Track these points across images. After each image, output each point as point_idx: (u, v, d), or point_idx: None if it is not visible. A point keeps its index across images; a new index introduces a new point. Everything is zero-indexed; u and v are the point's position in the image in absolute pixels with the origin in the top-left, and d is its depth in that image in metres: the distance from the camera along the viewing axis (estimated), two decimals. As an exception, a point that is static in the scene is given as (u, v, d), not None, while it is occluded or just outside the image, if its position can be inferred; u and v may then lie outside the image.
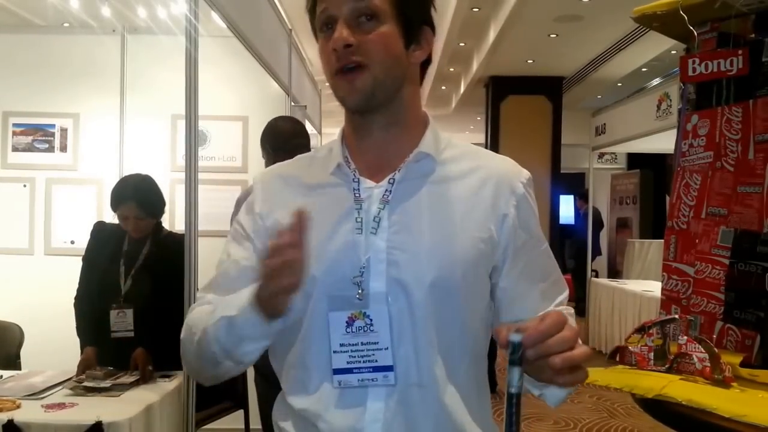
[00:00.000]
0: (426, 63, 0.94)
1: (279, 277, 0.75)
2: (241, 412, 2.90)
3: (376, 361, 0.83)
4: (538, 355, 0.69)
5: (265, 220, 0.93)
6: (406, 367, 0.84)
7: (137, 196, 2.32)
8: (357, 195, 0.88)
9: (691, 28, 2.13)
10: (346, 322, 0.84)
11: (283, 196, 0.94)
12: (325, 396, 0.86)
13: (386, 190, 0.88)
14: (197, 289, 1.91)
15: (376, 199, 0.88)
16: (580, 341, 0.74)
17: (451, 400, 0.86)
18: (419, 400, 0.85)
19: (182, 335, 0.91)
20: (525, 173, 0.94)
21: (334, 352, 0.84)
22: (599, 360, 2.00)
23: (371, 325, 0.84)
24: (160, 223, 2.46)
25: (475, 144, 1.03)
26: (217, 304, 0.87)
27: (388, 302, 0.84)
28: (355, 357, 0.84)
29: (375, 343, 0.83)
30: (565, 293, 0.96)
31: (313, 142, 5.16)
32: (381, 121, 0.90)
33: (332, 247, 0.86)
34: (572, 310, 0.97)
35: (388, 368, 0.83)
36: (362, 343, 0.84)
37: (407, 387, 0.84)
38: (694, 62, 2.17)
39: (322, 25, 0.87)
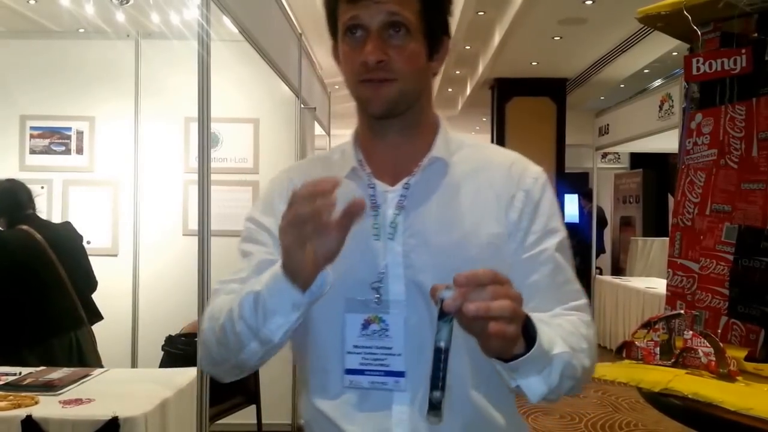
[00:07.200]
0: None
1: (303, 230, 0.71)
2: (253, 408, 2.94)
3: (389, 365, 0.84)
4: (460, 302, 0.65)
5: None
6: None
7: None
8: (373, 200, 0.88)
9: (695, 27, 2.14)
10: (362, 324, 0.84)
11: None
12: (350, 399, 0.86)
13: (401, 195, 0.88)
14: (210, 288, 1.91)
15: (392, 203, 0.88)
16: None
17: (478, 399, 0.86)
18: (445, 401, 0.83)
19: (205, 326, 0.88)
20: (535, 169, 0.94)
21: (348, 352, 0.85)
22: (605, 355, 2.04)
23: (386, 330, 0.84)
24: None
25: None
26: (242, 289, 0.83)
27: (407, 309, 0.84)
28: (368, 359, 0.84)
29: (389, 348, 0.84)
30: (581, 301, 0.89)
31: (322, 143, 5.24)
32: (398, 124, 0.91)
33: (349, 251, 0.81)
34: (587, 318, 0.88)
35: (400, 374, 0.83)
36: (377, 347, 0.84)
37: None
38: (698, 61, 2.19)
39: (347, 30, 0.86)
